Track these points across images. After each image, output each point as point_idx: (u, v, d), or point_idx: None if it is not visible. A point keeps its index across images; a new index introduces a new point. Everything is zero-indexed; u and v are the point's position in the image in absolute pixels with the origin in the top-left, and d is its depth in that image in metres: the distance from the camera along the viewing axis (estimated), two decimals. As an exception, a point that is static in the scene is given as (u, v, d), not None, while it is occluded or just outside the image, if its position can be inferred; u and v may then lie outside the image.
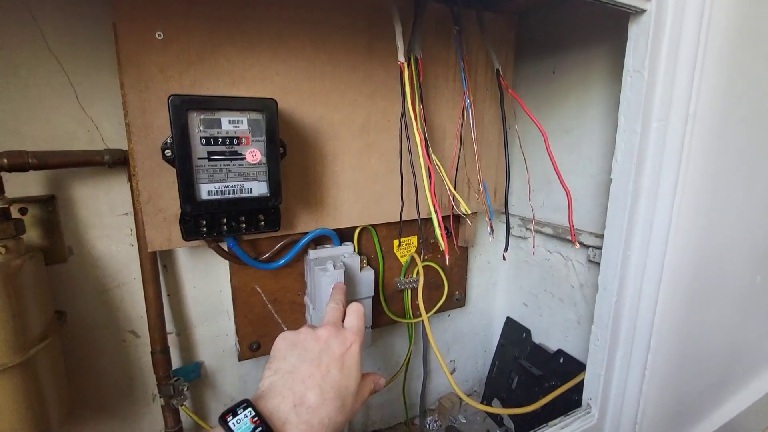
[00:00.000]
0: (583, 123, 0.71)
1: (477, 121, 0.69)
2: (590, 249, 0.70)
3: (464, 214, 0.54)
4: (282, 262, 0.59)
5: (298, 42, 0.54)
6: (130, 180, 0.56)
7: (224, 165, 0.41)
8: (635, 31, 0.51)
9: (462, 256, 0.79)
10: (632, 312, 0.58)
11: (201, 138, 0.40)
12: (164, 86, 0.48)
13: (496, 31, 0.68)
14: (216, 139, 0.40)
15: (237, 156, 0.41)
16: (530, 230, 0.82)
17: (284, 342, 0.36)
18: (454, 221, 0.76)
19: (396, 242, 0.71)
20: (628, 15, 0.51)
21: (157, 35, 0.47)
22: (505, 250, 0.58)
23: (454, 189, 0.65)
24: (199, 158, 0.40)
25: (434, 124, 0.66)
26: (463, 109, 0.61)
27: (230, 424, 0.29)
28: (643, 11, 0.50)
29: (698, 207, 0.57)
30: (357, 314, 0.41)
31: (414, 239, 0.72)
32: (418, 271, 0.71)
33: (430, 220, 0.56)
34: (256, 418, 0.29)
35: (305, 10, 0.54)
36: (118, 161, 0.52)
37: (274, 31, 0.53)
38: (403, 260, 0.72)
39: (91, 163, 0.51)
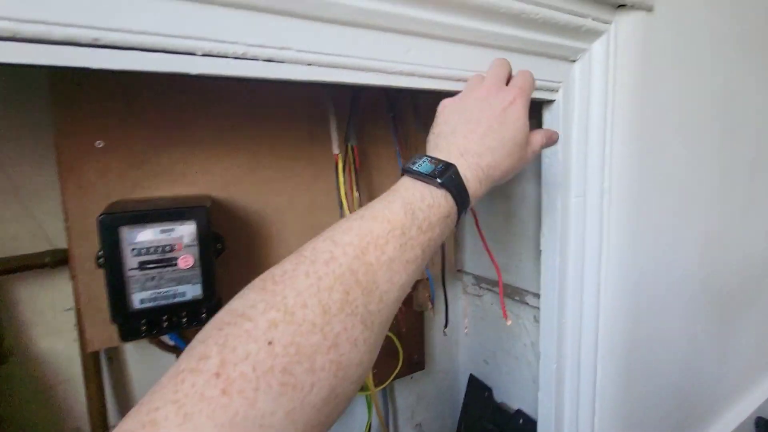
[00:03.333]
0: (521, 188, 0.75)
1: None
2: (536, 310, 0.73)
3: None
4: (231, 346, 0.60)
5: (239, 138, 0.57)
6: (72, 278, 0.56)
7: (156, 272, 0.42)
8: (548, 117, 0.57)
9: (417, 319, 0.81)
10: (573, 377, 0.60)
11: (132, 249, 0.41)
12: (104, 190, 0.50)
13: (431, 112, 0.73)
14: (148, 249, 0.42)
15: (169, 263, 0.43)
16: (484, 288, 0.85)
17: (445, 108, 0.39)
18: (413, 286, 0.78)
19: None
20: (541, 103, 0.56)
21: (96, 144, 0.49)
22: (446, 326, 0.60)
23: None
24: (130, 269, 0.41)
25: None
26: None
27: (414, 167, 0.32)
28: (552, 101, 0.55)
29: (625, 273, 0.61)
30: (524, 75, 0.41)
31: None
32: (372, 340, 0.72)
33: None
34: (433, 161, 0.32)
35: (244, 108, 0.57)
36: (61, 261, 0.53)
37: (215, 129, 0.56)
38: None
39: (32, 267, 0.51)
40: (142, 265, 0.42)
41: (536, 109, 0.58)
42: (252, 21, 0.32)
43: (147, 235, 0.42)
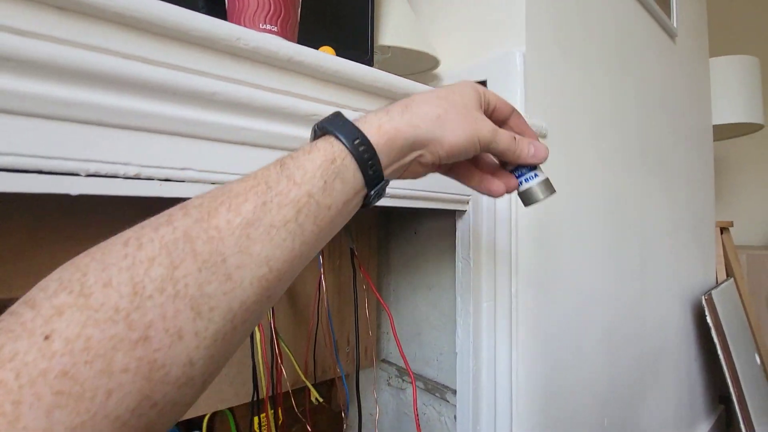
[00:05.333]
0: (441, 281, 0.77)
1: (343, 281, 0.72)
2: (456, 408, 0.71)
3: (315, 402, 0.52)
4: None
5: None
6: None
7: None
8: (460, 225, 0.60)
9: (336, 420, 0.75)
10: (489, 490, 0.58)
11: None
12: (-42, 292, 0.42)
13: (355, 218, 0.75)
14: None
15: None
16: (407, 382, 0.82)
17: None
18: (330, 384, 0.74)
19: (256, 420, 0.65)
20: (455, 213, 0.60)
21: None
22: (357, 440, 0.56)
23: (334, 348, 0.64)
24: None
25: (297, 292, 0.67)
26: (319, 283, 0.63)
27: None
28: (463, 211, 0.59)
29: (536, 374, 0.63)
30: None
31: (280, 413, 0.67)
32: (282, 450, 0.65)
33: (296, 390, 0.53)
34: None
35: (149, 201, 0.54)
36: None
37: (111, 224, 0.51)
38: (265, 439, 0.66)
39: None
40: None
41: (450, 220, 0.61)
42: (148, 142, 0.31)
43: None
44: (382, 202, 0.47)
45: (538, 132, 0.61)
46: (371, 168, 0.25)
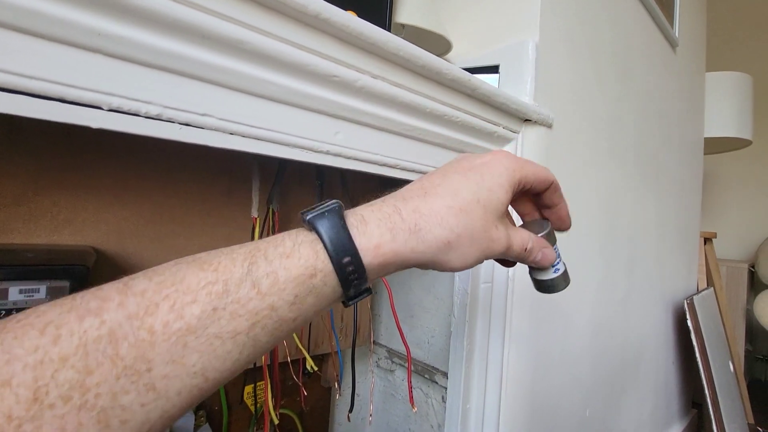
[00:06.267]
0: (438, 266, 0.78)
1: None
2: (445, 390, 0.72)
3: (311, 370, 0.53)
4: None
5: (145, 186, 0.53)
6: None
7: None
8: (463, 206, 0.61)
9: (323, 396, 0.76)
10: (475, 467, 0.59)
11: (-27, 312, 0.33)
12: (-45, 232, 0.42)
13: (358, 184, 0.75)
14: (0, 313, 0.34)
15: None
16: (396, 363, 0.83)
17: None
18: (320, 360, 0.74)
19: (249, 388, 0.65)
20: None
21: (-42, 176, 0.42)
22: (350, 410, 0.56)
23: (331, 322, 0.65)
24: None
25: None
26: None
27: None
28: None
29: (526, 358, 0.64)
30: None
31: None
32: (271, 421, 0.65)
33: (288, 362, 0.53)
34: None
35: (156, 153, 0.53)
36: None
37: (118, 175, 0.51)
38: (254, 409, 0.66)
39: None
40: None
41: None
42: (172, 83, 0.31)
43: (1, 294, 0.35)
44: (381, 171, 0.47)
45: (545, 121, 0.62)
46: (354, 287, 0.22)
